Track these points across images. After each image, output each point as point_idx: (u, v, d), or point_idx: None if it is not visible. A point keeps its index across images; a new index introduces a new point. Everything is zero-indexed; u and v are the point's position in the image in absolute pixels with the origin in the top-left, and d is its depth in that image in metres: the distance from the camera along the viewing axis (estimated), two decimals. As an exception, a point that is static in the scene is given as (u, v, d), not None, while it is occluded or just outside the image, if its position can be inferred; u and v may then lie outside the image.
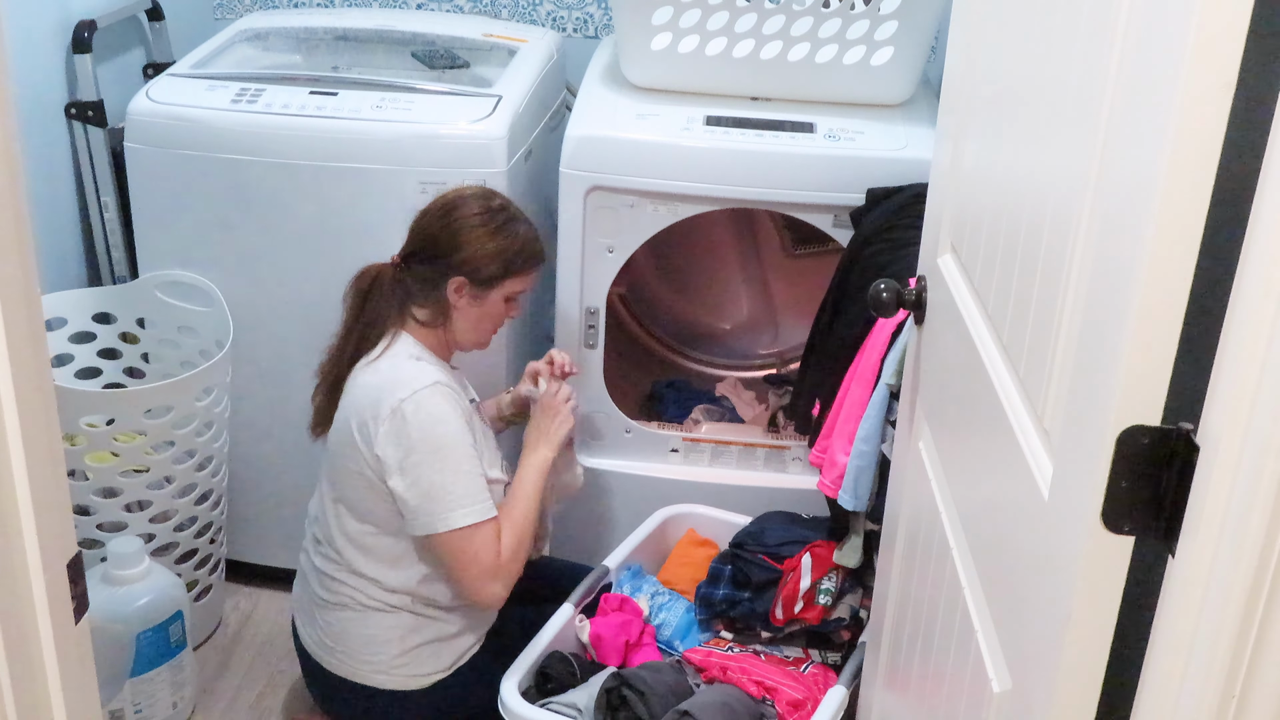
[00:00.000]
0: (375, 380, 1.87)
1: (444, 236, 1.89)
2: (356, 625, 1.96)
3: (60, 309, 2.39)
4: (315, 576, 2.00)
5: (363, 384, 1.88)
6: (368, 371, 1.89)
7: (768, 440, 2.50)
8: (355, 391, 1.88)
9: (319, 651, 2.02)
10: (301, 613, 2.08)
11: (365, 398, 1.86)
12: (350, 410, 1.87)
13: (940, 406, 1.46)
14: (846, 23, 2.21)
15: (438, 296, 1.91)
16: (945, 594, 1.33)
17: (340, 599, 1.97)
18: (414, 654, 1.98)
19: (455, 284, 1.90)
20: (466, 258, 1.89)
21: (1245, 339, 0.77)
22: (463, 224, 1.89)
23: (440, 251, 1.89)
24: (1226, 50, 0.76)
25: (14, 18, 2.24)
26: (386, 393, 1.83)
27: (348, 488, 1.90)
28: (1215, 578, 0.81)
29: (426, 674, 1.99)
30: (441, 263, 1.89)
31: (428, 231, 1.91)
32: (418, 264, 1.91)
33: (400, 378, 1.85)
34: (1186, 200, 0.79)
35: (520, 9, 2.86)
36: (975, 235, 1.33)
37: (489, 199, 1.94)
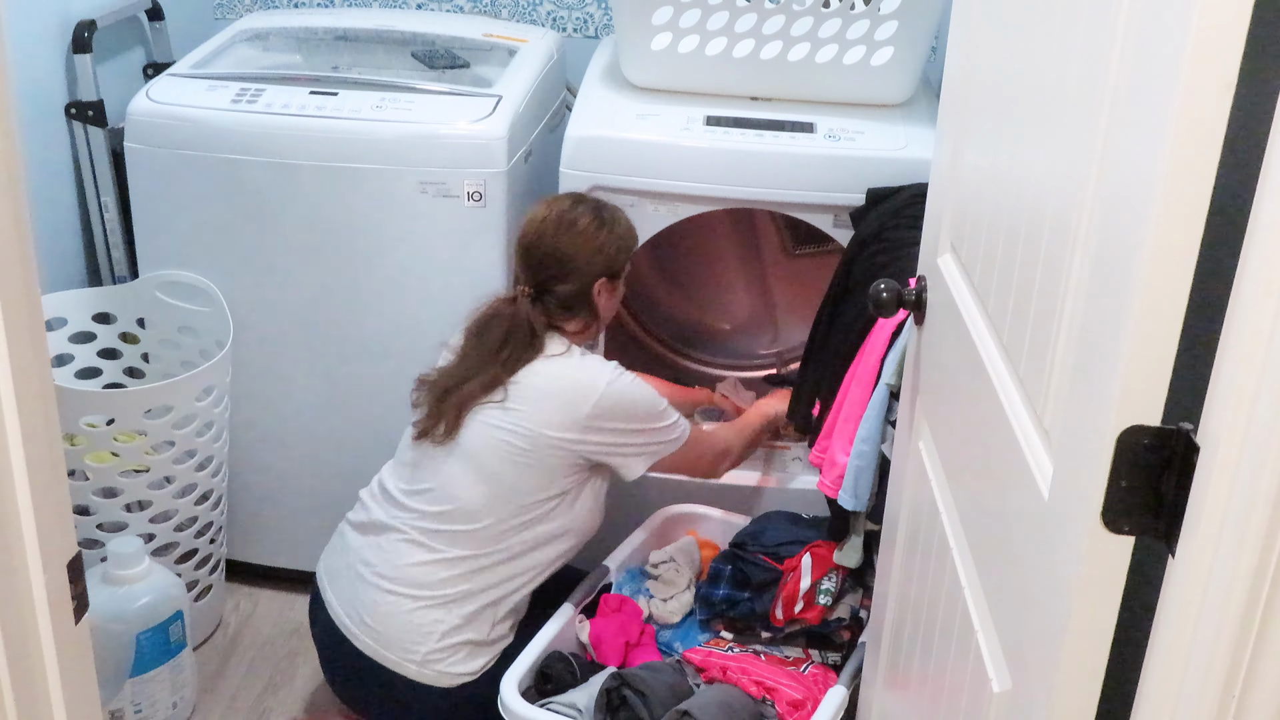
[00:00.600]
0: (558, 374, 1.98)
1: (576, 254, 2.01)
2: (407, 612, 1.97)
3: (60, 309, 2.39)
4: (380, 552, 2.00)
5: (545, 375, 1.98)
6: (543, 366, 1.98)
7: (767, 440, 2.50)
8: (537, 383, 1.97)
9: (352, 627, 2.01)
10: (338, 586, 2.06)
11: (556, 393, 1.96)
12: (534, 404, 1.95)
13: (940, 406, 1.46)
14: (846, 23, 2.21)
15: (585, 304, 2.05)
16: (945, 594, 1.33)
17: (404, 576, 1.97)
18: (451, 651, 1.97)
19: (599, 286, 2.04)
20: (604, 261, 2.03)
21: (1245, 339, 0.77)
22: (588, 235, 2.02)
23: (578, 266, 2.01)
24: (1226, 50, 0.76)
25: (14, 18, 2.24)
26: (584, 389, 1.96)
27: (498, 463, 1.96)
28: (1215, 578, 0.81)
29: (457, 674, 1.99)
30: (581, 276, 2.02)
31: (556, 255, 2.01)
32: (557, 285, 2.02)
33: (588, 374, 1.99)
34: (1186, 200, 0.79)
35: (520, 9, 2.86)
36: (975, 235, 1.33)
37: (584, 201, 2.07)
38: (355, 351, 2.40)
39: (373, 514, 2.05)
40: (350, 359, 2.41)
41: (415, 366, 2.36)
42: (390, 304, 2.35)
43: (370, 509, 2.06)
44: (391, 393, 2.41)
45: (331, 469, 2.50)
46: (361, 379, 2.43)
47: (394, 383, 2.40)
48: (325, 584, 2.09)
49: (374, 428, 2.43)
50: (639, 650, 2.10)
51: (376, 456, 2.30)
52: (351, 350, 2.41)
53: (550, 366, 1.99)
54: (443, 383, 2.04)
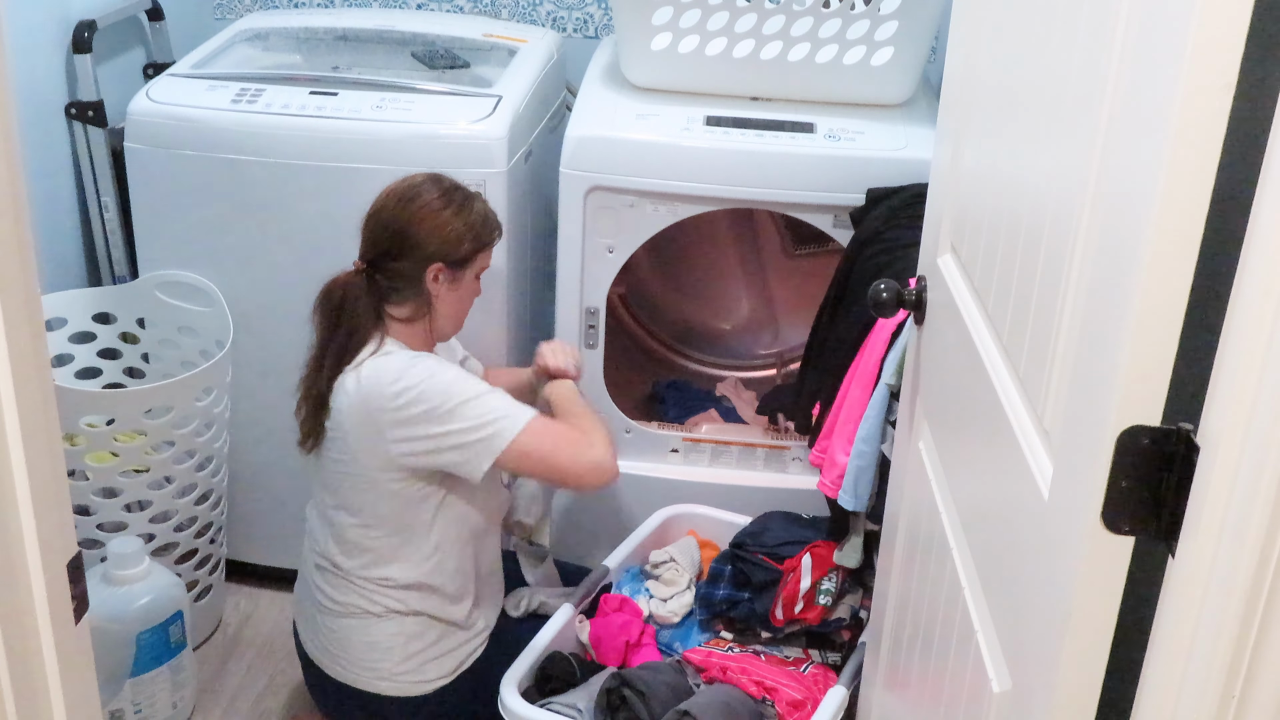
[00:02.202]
0: (367, 375, 1.84)
1: (413, 228, 1.87)
2: (359, 633, 1.96)
3: (60, 309, 2.39)
4: (317, 584, 2.00)
5: (353, 388, 1.85)
6: (354, 375, 1.85)
7: (768, 440, 2.50)
8: (350, 395, 1.85)
9: (322, 658, 2.02)
10: (303, 619, 2.08)
11: (364, 396, 1.84)
12: (353, 406, 1.85)
13: (940, 406, 1.46)
14: (846, 23, 2.21)
15: (417, 289, 1.90)
16: (945, 594, 1.33)
17: (344, 607, 1.97)
18: (417, 659, 1.97)
19: (433, 271, 1.88)
20: (441, 242, 1.87)
21: (1245, 339, 0.77)
22: (428, 211, 1.87)
23: (412, 244, 1.87)
24: (1226, 50, 0.76)
25: (14, 18, 2.24)
26: (383, 384, 1.82)
27: (351, 490, 1.90)
28: (1215, 578, 0.81)
29: (430, 680, 1.99)
30: (415, 254, 1.87)
31: (393, 227, 1.88)
32: (390, 262, 1.88)
33: (388, 365, 1.84)
34: (1186, 200, 0.79)
35: (520, 9, 2.86)
36: (975, 235, 1.33)
37: (439, 181, 1.93)
38: (355, 351, 2.40)
39: (308, 548, 2.05)
40: (350, 359, 2.41)
41: (415, 366, 2.36)
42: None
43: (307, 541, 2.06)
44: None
45: (331, 469, 2.50)
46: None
47: (394, 383, 2.40)
48: (297, 617, 2.11)
49: (374, 428, 2.43)
50: (639, 650, 2.10)
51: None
52: (351, 350, 2.40)
53: (351, 380, 1.85)
54: (306, 382, 1.94)
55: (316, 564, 2.00)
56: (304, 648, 2.07)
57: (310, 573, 2.03)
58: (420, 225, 1.87)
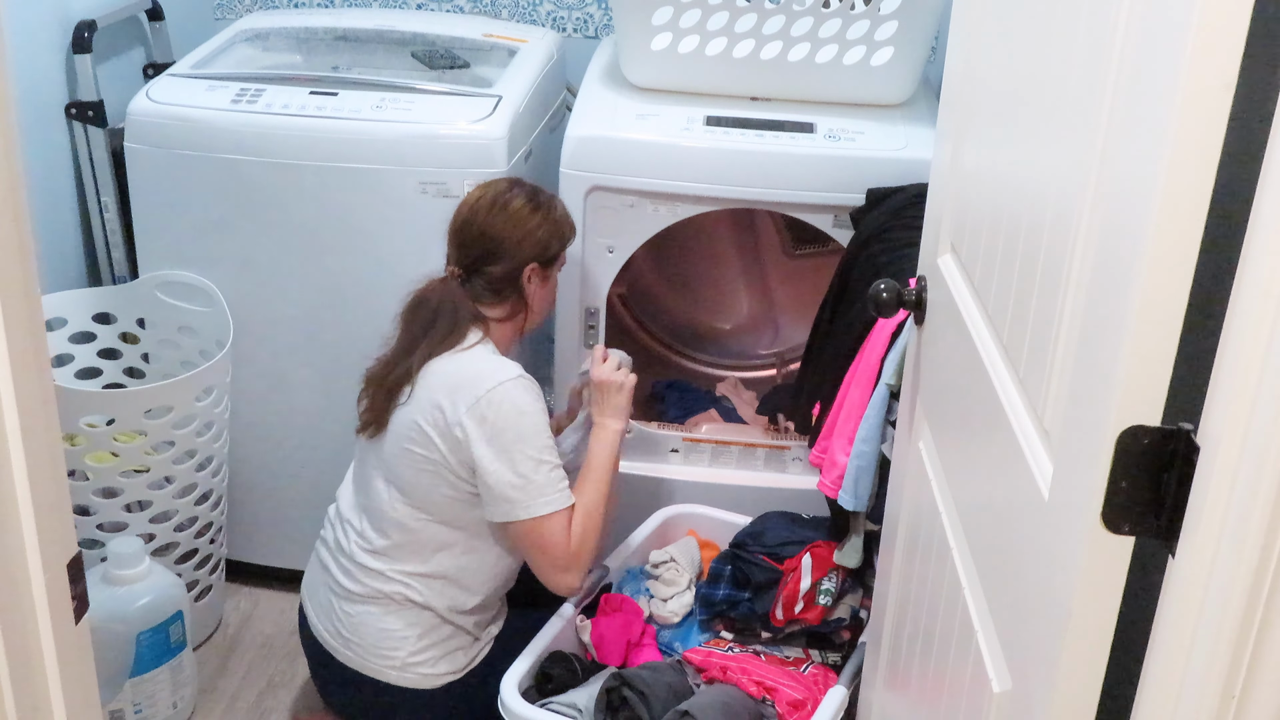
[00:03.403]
0: (456, 369, 1.92)
1: (508, 234, 1.97)
2: (375, 619, 1.97)
3: (60, 309, 2.39)
4: (341, 567, 2.01)
5: (443, 372, 1.92)
6: (447, 361, 1.93)
7: (768, 440, 2.50)
8: (435, 380, 1.91)
9: (332, 642, 2.02)
10: (315, 603, 2.07)
11: (447, 386, 1.90)
12: (428, 400, 1.91)
13: (940, 406, 1.46)
14: (846, 23, 2.21)
15: (514, 290, 2.00)
16: (945, 594, 1.33)
17: (368, 590, 1.97)
18: (430, 653, 1.98)
19: (529, 272, 1.99)
20: (536, 243, 1.99)
21: (1245, 339, 0.77)
22: (521, 217, 1.98)
23: (508, 249, 1.97)
24: (1226, 50, 0.76)
25: (14, 18, 2.24)
26: (471, 382, 1.89)
27: (411, 471, 1.93)
28: (1215, 578, 0.81)
29: (440, 674, 2.00)
30: (512, 258, 1.98)
31: (489, 235, 1.97)
32: (485, 267, 1.98)
33: (485, 369, 1.92)
34: (1186, 200, 0.79)
35: (520, 9, 2.86)
36: (975, 235, 1.33)
37: (522, 185, 2.03)
38: (355, 351, 2.40)
39: (335, 532, 2.06)
40: (350, 359, 2.40)
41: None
42: (390, 304, 2.34)
43: (333, 527, 2.07)
44: (391, 393, 2.41)
45: (331, 469, 2.49)
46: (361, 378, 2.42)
47: (394, 383, 2.40)
48: (307, 604, 2.11)
49: (374, 428, 2.43)
50: (639, 650, 2.10)
51: (376, 456, 2.31)
52: (351, 350, 2.40)
53: (452, 363, 1.93)
54: (378, 373, 2.01)
55: (344, 545, 2.01)
56: (314, 633, 2.07)
57: (330, 557, 2.04)
58: (514, 230, 1.97)
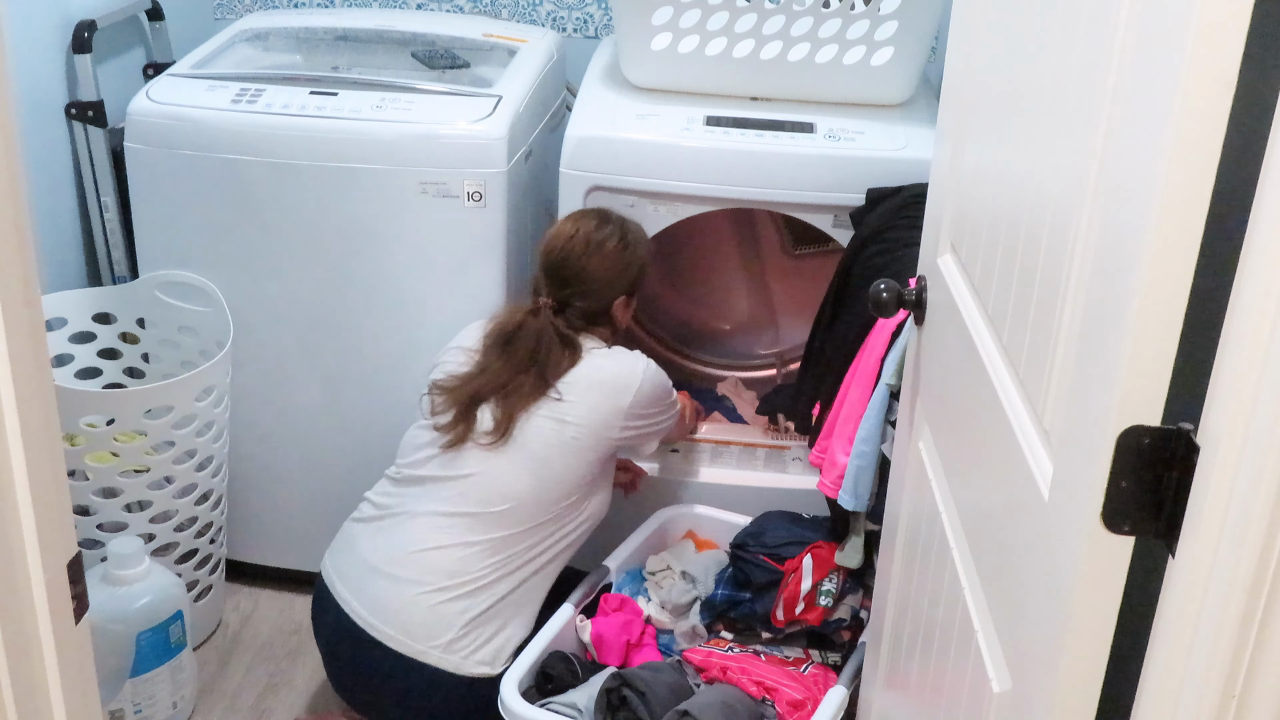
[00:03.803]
0: (607, 364, 2.08)
1: (604, 273, 2.10)
2: (427, 602, 1.98)
3: (60, 309, 2.39)
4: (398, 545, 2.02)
5: (599, 367, 2.08)
6: (591, 361, 2.07)
7: (768, 440, 2.50)
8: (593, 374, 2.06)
9: (371, 619, 2.00)
10: (352, 583, 2.05)
11: (606, 378, 2.06)
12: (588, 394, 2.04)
13: (940, 406, 1.46)
14: (846, 23, 2.21)
15: (609, 318, 2.15)
16: (945, 594, 1.33)
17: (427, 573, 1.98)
18: (474, 640, 1.99)
19: (621, 302, 2.15)
20: (628, 281, 2.14)
21: (1245, 339, 0.77)
22: (614, 256, 2.11)
23: (599, 286, 2.11)
24: (1226, 50, 0.76)
25: (14, 18, 2.24)
26: (628, 375, 2.08)
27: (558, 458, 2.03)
28: (1215, 578, 0.81)
29: (478, 663, 1.99)
30: (604, 294, 2.12)
31: (583, 275, 2.09)
32: (577, 300, 2.10)
33: (629, 362, 2.10)
34: (1186, 200, 0.79)
35: (520, 9, 2.86)
36: (975, 235, 1.33)
37: (610, 221, 2.14)
38: (355, 351, 2.41)
39: (395, 504, 2.07)
40: (350, 359, 2.41)
41: (415, 366, 2.36)
42: (390, 304, 2.35)
43: (387, 502, 2.08)
44: (391, 392, 2.41)
45: (331, 469, 2.50)
46: (361, 379, 2.43)
47: (394, 382, 2.40)
48: (335, 583, 2.07)
49: (374, 428, 2.43)
50: (639, 650, 2.10)
51: (376, 456, 2.30)
52: (351, 350, 2.41)
53: (592, 361, 2.08)
54: (471, 388, 2.07)
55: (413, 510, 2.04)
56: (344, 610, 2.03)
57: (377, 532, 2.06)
58: (609, 271, 2.11)
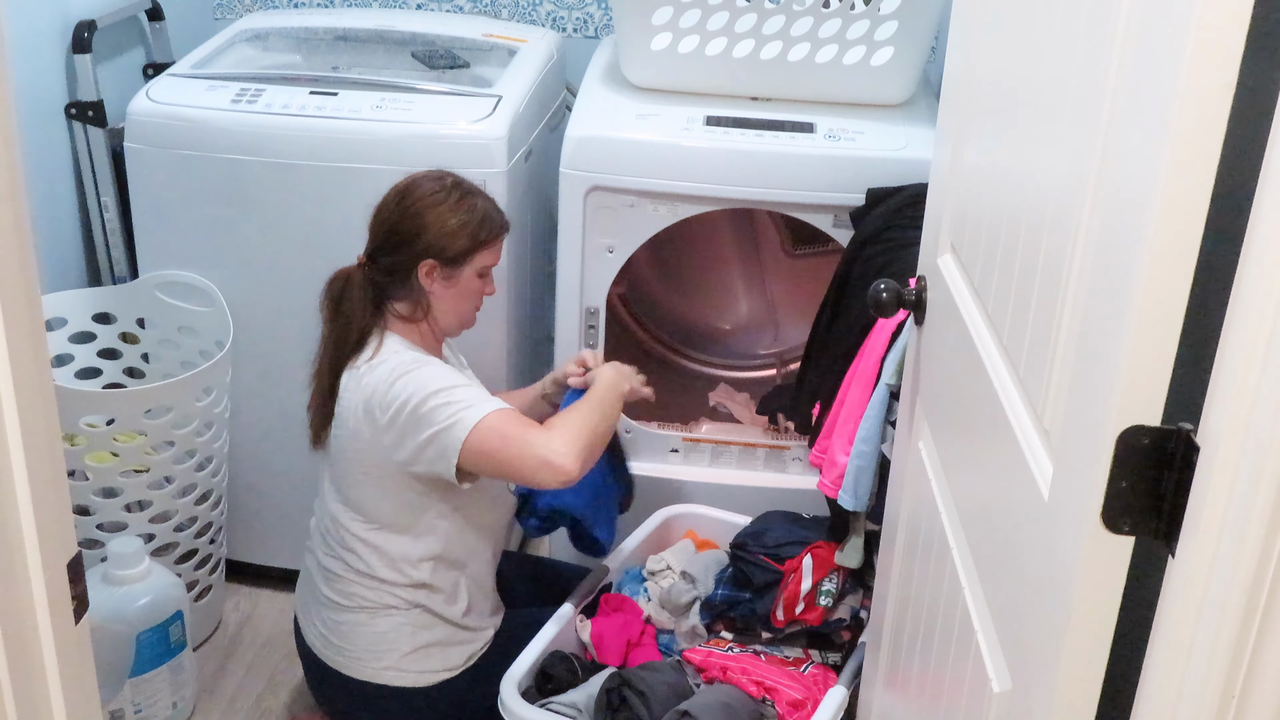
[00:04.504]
0: (368, 381, 1.85)
1: (404, 222, 1.87)
2: (366, 626, 1.97)
3: (60, 309, 2.39)
4: (323, 578, 2.00)
5: (354, 388, 1.86)
6: (368, 372, 1.86)
7: (768, 440, 2.50)
8: (353, 395, 1.86)
9: (325, 651, 2.02)
10: (306, 613, 2.08)
11: (367, 393, 1.84)
12: (353, 408, 1.86)
13: (940, 406, 1.46)
14: (846, 23, 2.21)
15: (411, 285, 1.89)
16: (945, 594, 1.33)
17: (351, 601, 1.97)
18: (424, 652, 1.98)
19: (425, 267, 1.88)
20: (432, 238, 1.87)
21: (1245, 339, 0.77)
22: (420, 205, 1.87)
23: (404, 238, 1.87)
24: (1226, 50, 0.76)
25: (14, 18, 2.24)
26: (379, 391, 1.83)
27: (355, 489, 1.91)
28: (1215, 578, 0.81)
29: (435, 671, 1.99)
30: (408, 249, 1.87)
31: (387, 221, 1.89)
32: (384, 257, 1.89)
33: (383, 374, 1.85)
34: (1186, 200, 0.79)
35: (520, 9, 2.86)
36: (975, 235, 1.33)
37: (441, 178, 1.92)
38: (355, 351, 2.40)
39: (314, 545, 2.05)
40: (350, 359, 2.41)
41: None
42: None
43: (313, 540, 2.06)
44: (391, 393, 2.40)
45: (331, 469, 2.50)
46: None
47: (394, 383, 2.40)
48: (299, 610, 2.11)
49: (374, 428, 2.43)
50: (639, 650, 2.10)
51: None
52: (351, 350, 2.40)
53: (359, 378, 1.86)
54: (315, 379, 1.95)
55: (320, 561, 2.00)
56: (306, 642, 2.07)
57: (314, 567, 2.03)
58: (414, 220, 1.86)
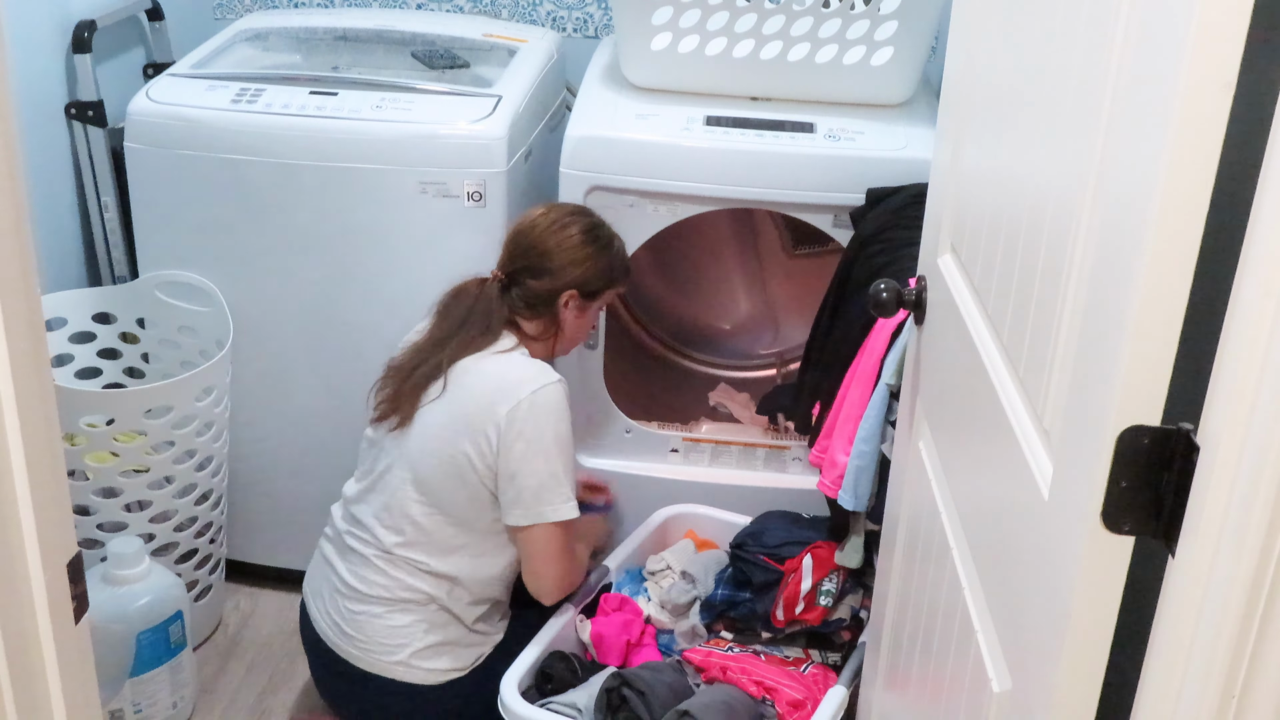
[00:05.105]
0: (496, 371, 1.96)
1: (557, 255, 2.01)
2: (382, 618, 1.98)
3: (60, 309, 2.39)
4: (348, 566, 2.01)
5: (480, 372, 1.95)
6: (484, 361, 1.96)
7: (768, 440, 2.50)
8: (471, 380, 1.95)
9: (336, 639, 2.03)
10: (318, 600, 2.07)
11: (485, 389, 1.93)
12: (462, 399, 1.94)
13: (940, 406, 1.46)
14: (846, 23, 2.21)
15: (550, 309, 2.04)
16: (945, 594, 1.33)
17: (375, 590, 1.98)
18: (435, 650, 1.99)
19: (566, 297, 2.03)
20: (581, 273, 2.03)
21: (1245, 339, 0.77)
22: (573, 243, 2.02)
23: (552, 268, 2.01)
24: (1226, 50, 0.76)
25: (14, 18, 2.24)
26: (513, 386, 1.93)
27: (432, 470, 1.95)
28: (1215, 578, 0.81)
29: (444, 670, 2.00)
30: (553, 279, 2.01)
31: (538, 249, 2.02)
32: (530, 280, 2.02)
33: (527, 374, 1.95)
34: (1186, 200, 0.79)
35: (520, 9, 2.86)
36: (975, 235, 1.33)
37: (588, 216, 2.08)
38: (355, 351, 2.40)
39: (339, 530, 2.06)
40: (350, 359, 2.41)
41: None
42: (390, 303, 2.35)
43: (337, 525, 2.07)
44: (391, 393, 2.41)
45: (331, 469, 2.49)
46: (361, 379, 2.42)
47: (394, 383, 2.40)
48: (309, 600, 2.11)
49: (374, 428, 2.44)
50: (639, 650, 2.10)
51: (376, 456, 2.30)
52: (351, 350, 2.40)
53: (488, 364, 1.96)
54: (406, 363, 2.03)
55: (351, 544, 2.02)
56: (316, 631, 2.07)
57: (337, 555, 2.04)
58: (565, 254, 2.02)
